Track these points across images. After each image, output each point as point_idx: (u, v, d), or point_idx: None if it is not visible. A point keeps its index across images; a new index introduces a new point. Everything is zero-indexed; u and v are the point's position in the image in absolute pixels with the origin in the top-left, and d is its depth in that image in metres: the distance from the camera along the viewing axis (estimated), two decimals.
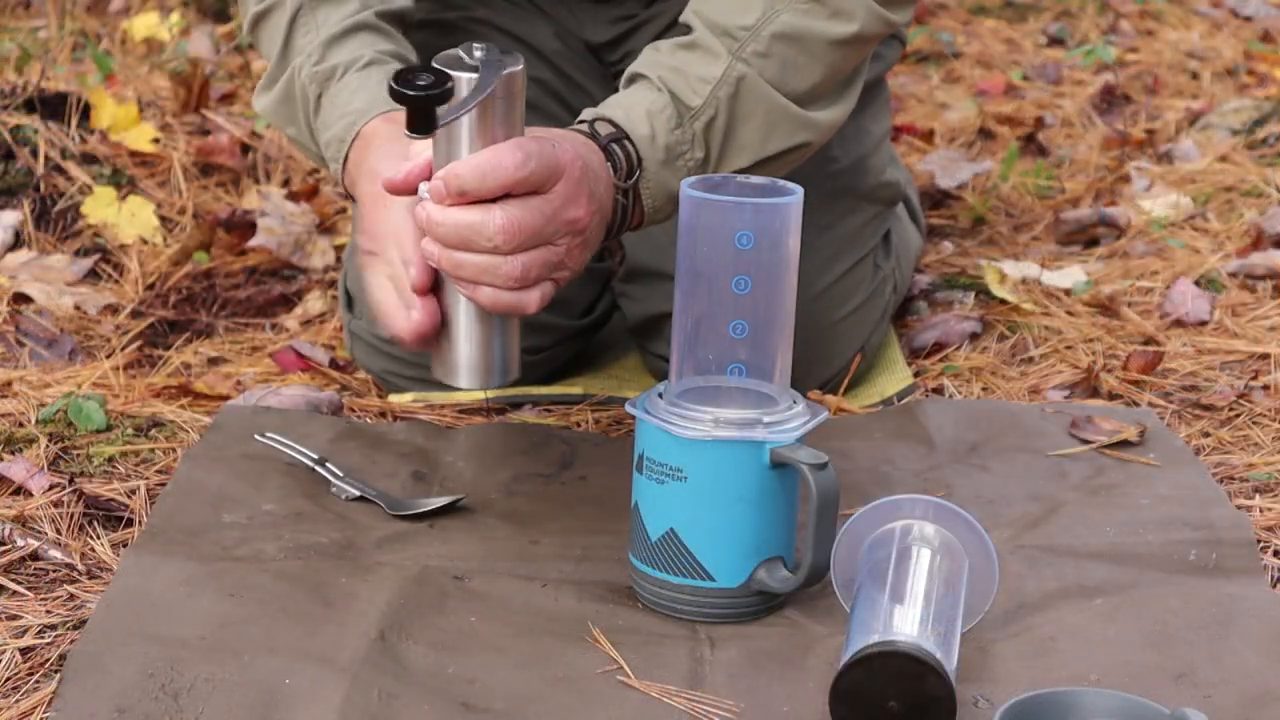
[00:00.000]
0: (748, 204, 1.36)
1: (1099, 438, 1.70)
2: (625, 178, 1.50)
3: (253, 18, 1.70)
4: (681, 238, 1.37)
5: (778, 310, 1.38)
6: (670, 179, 1.53)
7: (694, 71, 1.55)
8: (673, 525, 1.37)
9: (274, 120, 1.69)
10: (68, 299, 2.09)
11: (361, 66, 1.61)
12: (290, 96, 1.65)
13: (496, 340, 1.44)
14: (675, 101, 1.54)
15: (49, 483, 1.58)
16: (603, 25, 1.96)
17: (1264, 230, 2.27)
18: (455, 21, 1.93)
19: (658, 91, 1.54)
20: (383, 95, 1.56)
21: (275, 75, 1.67)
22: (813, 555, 1.35)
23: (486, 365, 1.45)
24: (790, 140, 1.58)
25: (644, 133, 1.51)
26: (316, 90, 1.62)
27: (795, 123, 1.58)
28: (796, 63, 1.57)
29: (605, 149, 1.50)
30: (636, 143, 1.51)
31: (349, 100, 1.59)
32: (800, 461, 1.34)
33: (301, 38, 1.65)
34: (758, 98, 1.55)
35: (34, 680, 1.30)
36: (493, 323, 1.44)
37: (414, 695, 1.25)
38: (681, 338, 1.39)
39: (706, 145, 1.55)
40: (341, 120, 1.58)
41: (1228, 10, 3.57)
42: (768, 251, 1.36)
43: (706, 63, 1.55)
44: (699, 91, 1.54)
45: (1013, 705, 1.19)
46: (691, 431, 1.35)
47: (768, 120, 1.56)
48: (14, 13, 3.44)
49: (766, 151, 1.57)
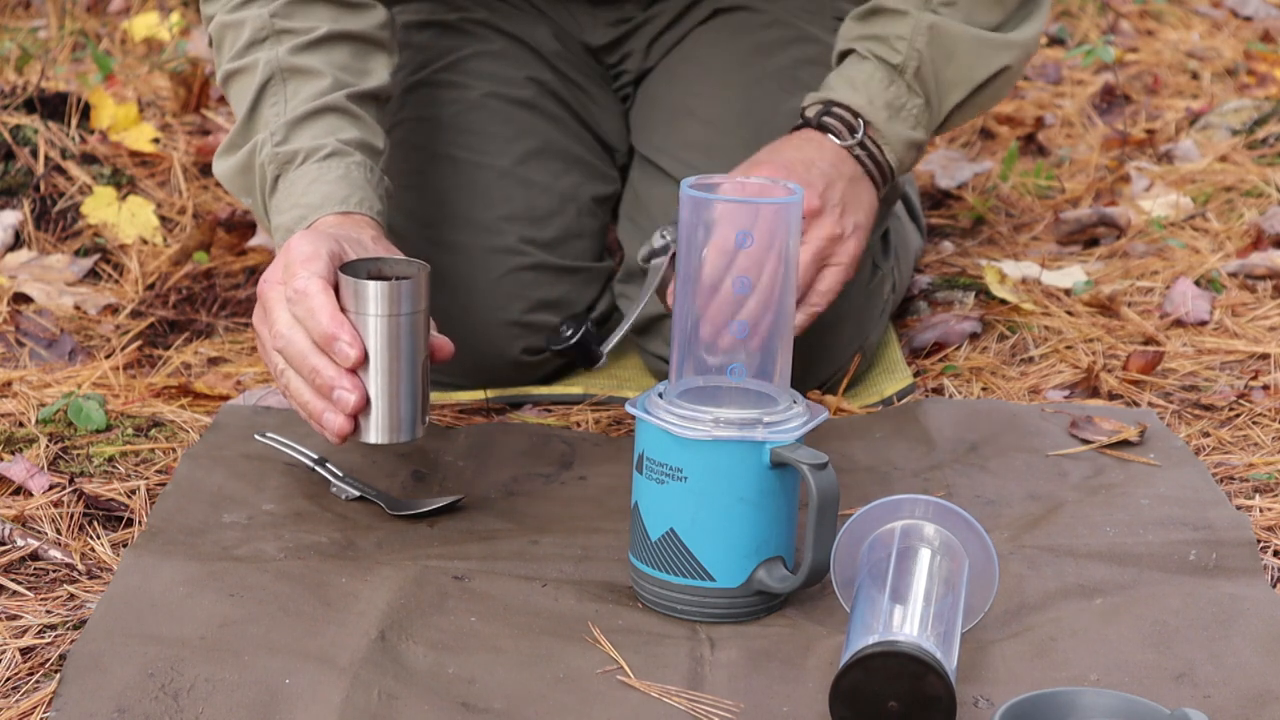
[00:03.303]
0: (749, 204, 1.36)
1: (1099, 437, 1.70)
2: (849, 136, 1.68)
3: (224, 74, 1.69)
4: (681, 238, 1.37)
5: (778, 310, 1.38)
6: (903, 130, 1.70)
7: (888, 31, 1.70)
8: (673, 525, 1.37)
9: (230, 188, 1.69)
10: (68, 299, 2.09)
11: (322, 157, 1.60)
12: (249, 168, 1.65)
13: (407, 399, 1.49)
14: (880, 63, 1.70)
15: (49, 483, 1.58)
16: (601, 28, 1.96)
17: (1264, 230, 2.27)
18: (455, 23, 1.93)
19: (865, 60, 1.71)
20: (338, 193, 1.57)
21: (238, 143, 1.66)
22: (813, 555, 1.35)
23: (396, 422, 1.49)
24: (995, 63, 1.72)
25: (860, 100, 1.68)
26: (275, 171, 1.61)
27: (994, 46, 1.72)
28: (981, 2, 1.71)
29: (819, 125, 1.68)
30: (854, 108, 1.68)
31: (304, 192, 1.58)
32: (800, 461, 1.34)
33: (269, 109, 1.64)
34: (953, 37, 1.70)
35: (34, 680, 1.30)
36: (402, 385, 1.48)
37: (414, 695, 1.25)
38: (681, 338, 1.39)
39: (924, 91, 1.71)
40: (293, 211, 1.58)
41: (1228, 10, 3.56)
42: (768, 251, 1.36)
43: (895, 21, 1.70)
44: (898, 48, 1.69)
45: (1013, 705, 1.19)
46: (692, 431, 1.35)
47: (969, 52, 1.70)
48: (14, 13, 3.44)
49: (975, 79, 1.72)
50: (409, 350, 1.47)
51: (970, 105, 1.74)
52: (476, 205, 1.85)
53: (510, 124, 1.89)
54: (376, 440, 1.48)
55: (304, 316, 1.45)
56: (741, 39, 1.92)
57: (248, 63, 1.66)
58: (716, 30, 1.93)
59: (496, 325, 1.84)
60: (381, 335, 1.46)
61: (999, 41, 1.71)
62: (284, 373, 1.49)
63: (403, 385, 1.48)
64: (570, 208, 1.89)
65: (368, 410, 1.47)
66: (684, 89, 1.91)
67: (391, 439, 1.49)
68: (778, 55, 1.89)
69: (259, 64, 1.64)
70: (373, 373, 1.46)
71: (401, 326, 1.46)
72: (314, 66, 1.64)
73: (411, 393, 1.48)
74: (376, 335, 1.46)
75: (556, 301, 1.87)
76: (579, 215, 1.90)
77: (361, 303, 1.46)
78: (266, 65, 1.64)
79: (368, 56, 1.69)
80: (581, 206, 1.90)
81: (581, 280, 1.89)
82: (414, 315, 1.47)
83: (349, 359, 1.44)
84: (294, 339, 1.46)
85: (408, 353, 1.47)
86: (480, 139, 1.88)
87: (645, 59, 1.97)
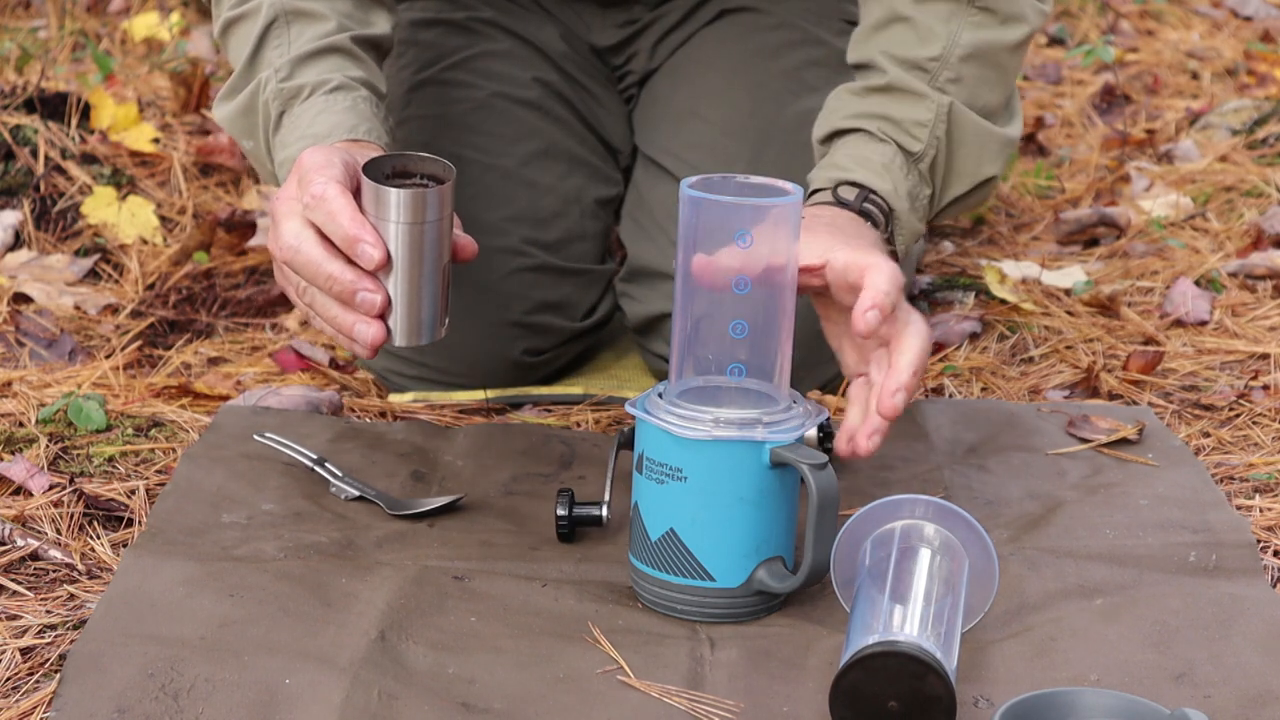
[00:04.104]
0: (748, 204, 1.36)
1: (1096, 436, 1.70)
2: (884, 230, 1.56)
3: (224, 23, 1.67)
4: (681, 238, 1.37)
5: (778, 310, 1.38)
6: (915, 221, 1.59)
7: (906, 116, 1.58)
8: (673, 525, 1.37)
9: (232, 131, 1.67)
10: (68, 299, 2.09)
11: (329, 90, 1.59)
12: (252, 109, 1.62)
13: (429, 302, 1.45)
14: (900, 151, 1.58)
15: (49, 483, 1.58)
16: (608, 29, 1.96)
17: (1264, 230, 2.27)
18: (462, 22, 1.93)
19: (882, 143, 1.58)
20: (346, 122, 1.55)
21: (239, 85, 1.64)
22: (813, 555, 1.35)
23: (416, 325, 1.45)
24: (998, 160, 1.63)
25: (888, 187, 1.56)
26: (280, 107, 1.60)
27: (999, 142, 1.62)
28: (986, 79, 1.60)
29: (861, 211, 1.55)
30: (885, 196, 1.56)
31: (311, 123, 1.57)
32: (800, 461, 1.34)
33: (272, 50, 1.62)
34: (965, 125, 1.60)
35: (34, 680, 1.30)
36: (424, 289, 1.44)
37: (414, 695, 1.25)
38: (681, 338, 1.39)
39: (932, 181, 1.60)
40: (300, 142, 1.55)
41: (1228, 10, 3.57)
42: (767, 251, 1.36)
43: (912, 104, 1.59)
44: (918, 135, 1.58)
45: (1013, 705, 1.19)
46: (691, 432, 1.35)
47: (977, 144, 1.61)
48: (14, 13, 3.44)
49: (980, 175, 1.62)
50: (432, 256, 1.42)
51: (960, 204, 1.67)
52: (480, 205, 1.85)
53: (515, 125, 1.89)
54: (396, 343, 1.44)
55: (324, 221, 1.41)
56: (748, 40, 1.91)
57: (250, 8, 1.64)
58: (723, 31, 1.93)
59: (498, 325, 1.84)
60: (404, 242, 1.40)
61: (1002, 137, 1.63)
62: (306, 290, 1.44)
63: (425, 289, 1.43)
64: (574, 210, 1.89)
65: (388, 314, 1.42)
66: (689, 90, 1.91)
67: (410, 342, 1.44)
68: (784, 57, 1.89)
69: (262, 7, 1.63)
70: (395, 277, 1.41)
71: (426, 234, 1.41)
72: (318, 10, 1.63)
73: (433, 295, 1.44)
74: (399, 242, 1.40)
75: (558, 303, 1.87)
76: (582, 217, 1.90)
77: (384, 209, 1.40)
78: (270, 7, 1.62)
79: (369, 9, 1.68)
80: (585, 209, 1.90)
81: (583, 282, 1.89)
82: (439, 222, 1.42)
83: (372, 260, 1.40)
84: (302, 247, 1.41)
85: (431, 259, 1.42)
86: (486, 139, 1.88)
87: (651, 59, 1.97)
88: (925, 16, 1.60)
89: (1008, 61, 1.62)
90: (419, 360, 1.85)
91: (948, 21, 1.59)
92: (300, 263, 1.42)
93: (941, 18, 1.59)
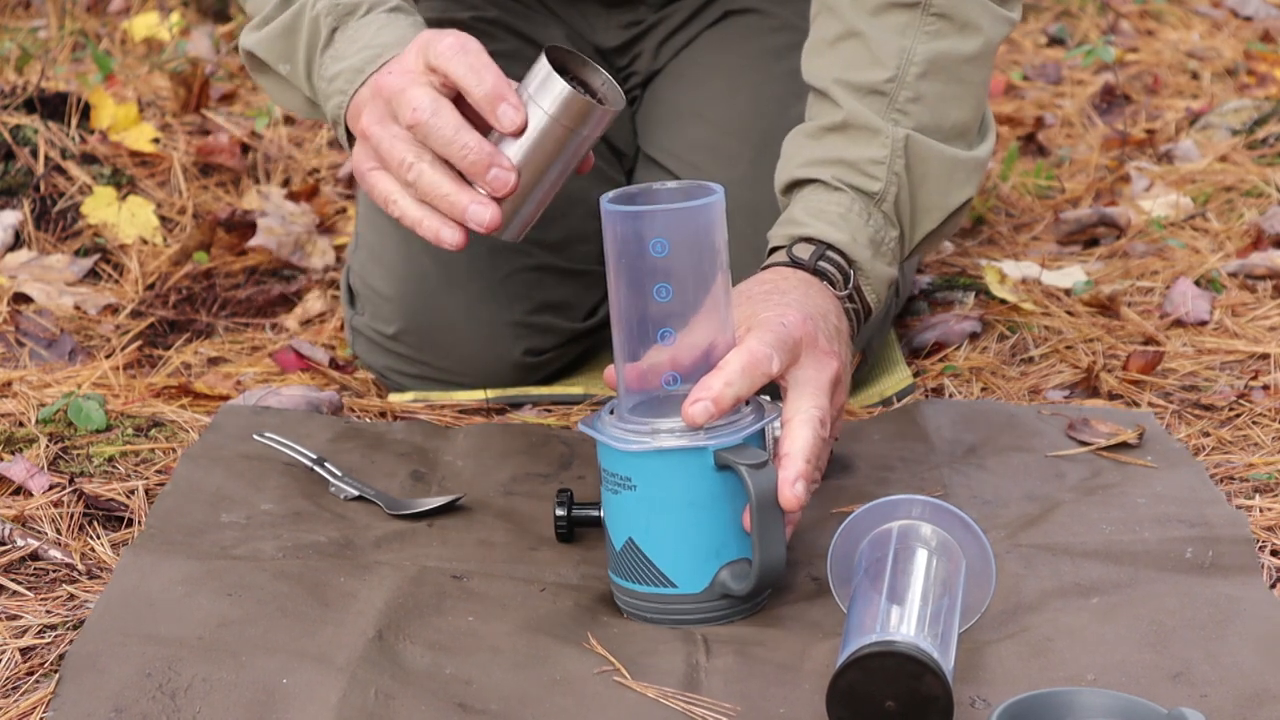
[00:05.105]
0: (657, 211, 1.32)
1: (1096, 440, 1.70)
2: (844, 286, 1.49)
3: None
4: (606, 253, 1.34)
5: (707, 314, 1.34)
6: (882, 267, 1.53)
7: (860, 155, 1.53)
8: (630, 534, 1.37)
9: (265, 54, 1.60)
10: (68, 299, 2.09)
11: (387, 9, 1.54)
12: (294, 29, 1.57)
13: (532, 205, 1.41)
14: (857, 195, 1.52)
15: (49, 483, 1.59)
16: (613, 30, 1.96)
17: (1264, 230, 2.27)
18: (467, 21, 1.93)
19: (837, 191, 1.52)
20: (410, 36, 1.49)
21: (275, 14, 1.59)
22: (761, 556, 1.34)
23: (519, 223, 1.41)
24: (968, 185, 1.56)
25: (845, 239, 1.50)
26: (332, 24, 1.54)
27: (966, 167, 1.56)
28: (948, 95, 1.55)
29: (815, 270, 1.49)
30: (842, 249, 1.50)
31: (375, 35, 1.52)
32: (738, 462, 1.32)
33: None
34: (927, 154, 1.54)
35: (34, 680, 1.30)
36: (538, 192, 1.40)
37: (411, 695, 1.25)
38: (621, 352, 1.36)
39: (898, 220, 1.54)
40: (364, 52, 1.51)
41: (1228, 10, 3.56)
42: (686, 256, 1.32)
43: (866, 142, 1.53)
44: (875, 175, 1.52)
45: (1010, 705, 1.19)
46: (634, 445, 1.34)
47: (943, 173, 1.55)
48: (14, 13, 3.44)
49: (950, 206, 1.56)
50: (562, 165, 1.37)
51: (937, 235, 1.61)
52: None
53: None
54: (504, 237, 1.40)
55: (464, 72, 1.33)
56: (751, 42, 1.92)
57: None
58: (727, 33, 1.93)
59: (499, 325, 1.84)
60: (550, 137, 1.34)
61: (970, 161, 1.57)
62: (412, 167, 1.37)
63: (539, 192, 1.37)
64: (576, 210, 1.89)
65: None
66: (692, 91, 1.92)
67: (510, 237, 1.41)
68: (788, 59, 1.89)
69: None
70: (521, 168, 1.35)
71: (570, 141, 1.35)
72: None
73: (540, 201, 1.39)
74: (542, 135, 1.34)
75: (559, 303, 1.87)
76: (585, 218, 1.90)
77: (543, 96, 1.33)
78: None
79: None
80: (588, 210, 1.90)
81: (585, 283, 1.89)
82: (586, 139, 1.36)
83: (513, 124, 1.34)
84: (440, 110, 1.34)
85: (559, 167, 1.37)
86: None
87: (654, 60, 1.97)
88: (878, 31, 1.55)
89: (970, 74, 1.57)
90: (419, 359, 1.85)
91: (902, 34, 1.55)
92: (433, 126, 1.36)
93: (896, 30, 1.55)
